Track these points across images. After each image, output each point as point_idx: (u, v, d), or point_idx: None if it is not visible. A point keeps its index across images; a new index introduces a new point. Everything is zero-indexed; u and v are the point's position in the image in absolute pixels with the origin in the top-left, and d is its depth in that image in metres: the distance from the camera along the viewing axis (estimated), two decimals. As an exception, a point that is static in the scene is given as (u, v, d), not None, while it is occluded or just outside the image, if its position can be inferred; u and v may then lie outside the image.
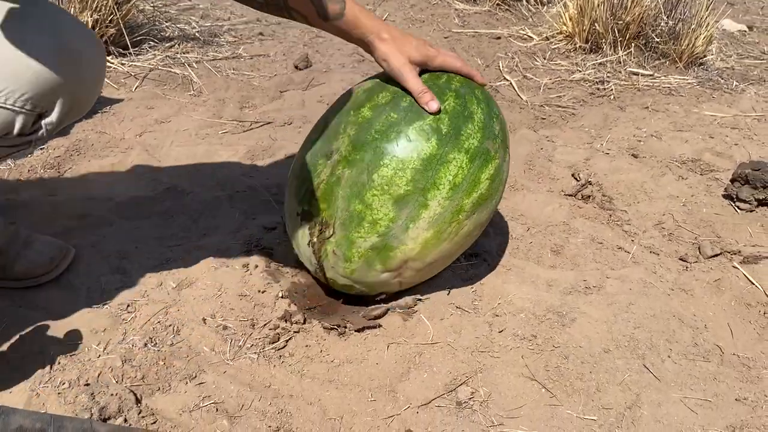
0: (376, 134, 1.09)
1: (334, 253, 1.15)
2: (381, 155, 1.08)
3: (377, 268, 1.14)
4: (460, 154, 1.09)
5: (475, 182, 1.11)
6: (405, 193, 1.07)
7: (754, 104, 2.36)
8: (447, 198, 1.09)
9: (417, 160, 1.07)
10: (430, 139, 1.08)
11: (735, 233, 1.59)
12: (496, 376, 1.13)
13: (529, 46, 2.76)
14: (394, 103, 1.11)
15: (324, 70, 2.44)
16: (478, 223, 1.17)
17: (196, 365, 1.12)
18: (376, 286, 1.20)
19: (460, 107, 1.11)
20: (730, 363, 1.20)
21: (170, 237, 1.44)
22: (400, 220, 1.09)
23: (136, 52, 2.38)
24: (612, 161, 1.89)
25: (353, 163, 1.09)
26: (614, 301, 1.32)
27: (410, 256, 1.13)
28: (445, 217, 1.10)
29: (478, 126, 1.12)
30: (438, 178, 1.07)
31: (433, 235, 1.11)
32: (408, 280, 1.20)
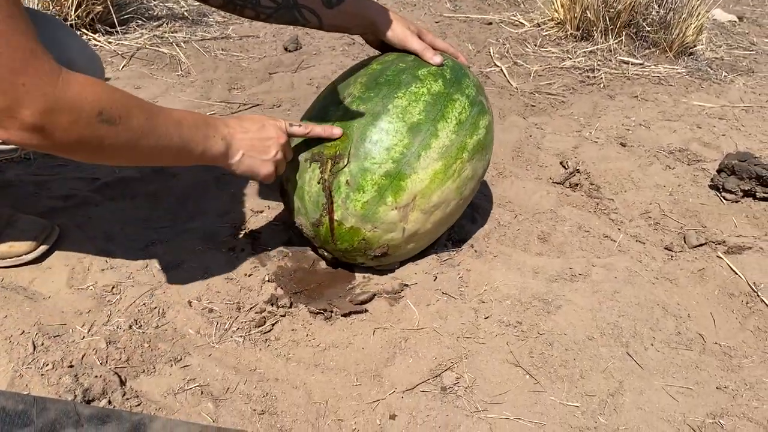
0: (388, 77, 1.20)
1: (347, 183, 1.15)
2: (395, 89, 1.18)
3: (388, 202, 1.16)
4: (463, 96, 1.22)
5: (475, 125, 1.22)
6: (418, 121, 1.16)
7: (742, 95, 2.37)
8: (454, 132, 1.18)
9: (428, 94, 1.18)
10: (437, 80, 1.20)
11: (720, 223, 1.60)
12: (481, 362, 1.14)
13: (520, 33, 2.76)
14: (401, 57, 1.25)
15: (314, 52, 2.42)
16: (474, 174, 1.25)
17: (181, 348, 1.11)
18: (382, 231, 1.19)
19: (457, 66, 1.27)
20: (712, 352, 1.21)
21: (157, 219, 1.43)
22: (414, 147, 1.15)
23: (123, 30, 2.35)
24: (600, 150, 1.89)
25: (367, 100, 1.18)
26: (599, 289, 1.33)
27: (419, 190, 1.16)
28: (451, 152, 1.18)
29: (473, 83, 1.27)
30: (446, 112, 1.18)
31: (442, 167, 1.17)
32: (411, 228, 1.20)
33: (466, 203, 1.30)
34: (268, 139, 1.10)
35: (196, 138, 0.99)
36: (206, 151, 1.02)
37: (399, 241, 1.21)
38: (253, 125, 1.10)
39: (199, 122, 1.01)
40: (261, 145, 1.10)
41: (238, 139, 1.07)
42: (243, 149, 1.08)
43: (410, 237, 1.22)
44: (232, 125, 1.07)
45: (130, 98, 0.89)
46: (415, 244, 1.26)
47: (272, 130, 1.11)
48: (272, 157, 1.11)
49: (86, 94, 0.82)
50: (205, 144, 1.01)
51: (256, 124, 1.10)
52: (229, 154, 1.06)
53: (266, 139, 1.10)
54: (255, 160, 1.10)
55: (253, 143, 1.09)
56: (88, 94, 0.82)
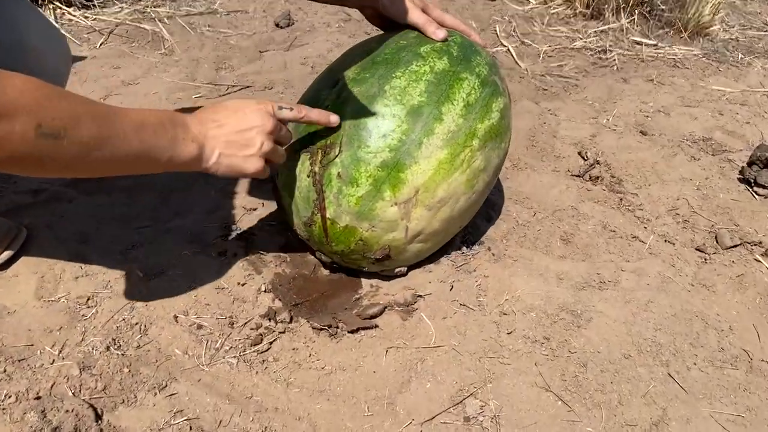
0: (386, 55, 1.06)
1: (339, 176, 1.00)
2: (393, 69, 1.04)
3: (386, 197, 1.00)
4: (472, 76, 1.07)
5: (487, 109, 1.07)
6: (419, 103, 1.01)
7: (761, 79, 2.24)
8: (461, 116, 1.03)
9: (430, 73, 1.03)
10: (442, 57, 1.06)
11: (754, 221, 1.47)
12: (507, 387, 1.01)
13: (526, 10, 2.60)
14: (402, 34, 1.11)
15: (307, 29, 2.25)
16: (487, 165, 1.09)
17: (166, 372, 0.97)
18: (381, 231, 1.04)
19: (467, 42, 1.13)
20: (760, 371, 1.09)
21: (137, 217, 1.28)
22: (414, 133, 1.00)
23: (101, 4, 2.16)
24: (620, 138, 1.75)
25: (362, 81, 1.04)
26: (632, 298, 1.20)
27: (421, 183, 1.01)
28: (459, 138, 1.03)
29: (485, 61, 1.12)
30: (452, 92, 1.03)
31: (447, 156, 1.02)
32: (415, 227, 1.05)
33: (480, 199, 1.15)
34: (250, 129, 0.92)
35: (162, 142, 0.82)
36: (175, 156, 0.85)
37: (402, 242, 1.07)
38: (230, 117, 0.92)
39: (165, 122, 0.84)
40: (242, 139, 0.92)
41: (211, 136, 0.90)
42: (219, 148, 0.90)
43: (415, 237, 1.07)
44: (203, 120, 0.90)
45: (79, 103, 0.73)
46: (422, 245, 1.11)
47: (255, 116, 0.93)
48: (258, 150, 0.93)
49: (23, 102, 0.65)
50: (173, 149, 0.84)
51: (235, 113, 0.93)
52: (203, 157, 0.89)
53: (247, 130, 0.92)
54: (236, 159, 0.92)
55: (230, 139, 0.91)
56: (26, 101, 0.65)
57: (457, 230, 1.18)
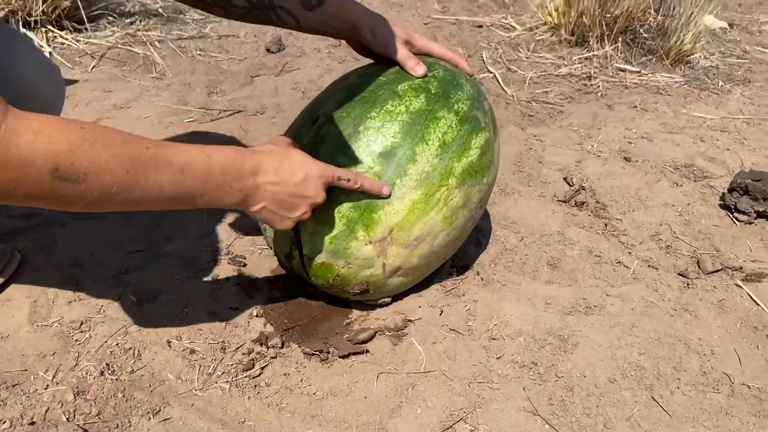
0: (364, 93, 1.06)
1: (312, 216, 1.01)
2: (369, 108, 1.04)
3: (359, 236, 1.02)
4: (450, 114, 1.06)
5: (465, 146, 1.07)
6: (393, 145, 1.02)
7: (741, 106, 2.30)
8: (436, 156, 1.03)
9: (405, 113, 1.03)
10: (419, 96, 1.06)
11: (734, 247, 1.51)
12: (496, 411, 1.02)
13: (512, 37, 2.65)
14: (382, 70, 1.11)
15: (298, 54, 2.29)
16: (467, 202, 1.09)
17: (160, 397, 0.98)
18: (357, 267, 1.06)
19: (449, 77, 1.11)
20: (741, 395, 1.12)
21: (130, 241, 1.30)
22: (387, 175, 1.01)
23: (92, 27, 2.19)
24: (604, 164, 1.79)
25: (339, 120, 1.05)
26: (616, 322, 1.23)
27: (395, 222, 1.02)
28: (434, 178, 1.03)
29: (467, 95, 1.11)
30: (427, 132, 1.03)
31: (421, 197, 1.03)
32: (392, 263, 1.06)
33: (463, 234, 1.16)
34: (303, 197, 0.92)
35: (203, 189, 0.82)
36: (215, 201, 0.84)
37: (380, 277, 1.08)
38: (293, 176, 0.91)
39: (213, 169, 0.82)
40: (290, 203, 0.92)
41: (264, 192, 0.89)
42: (266, 201, 0.90)
43: (393, 272, 1.09)
44: (263, 170, 0.88)
45: (108, 146, 0.70)
46: (402, 279, 1.12)
47: (312, 187, 0.93)
48: (298, 216, 0.94)
49: (38, 146, 0.64)
50: (214, 194, 0.83)
51: (295, 176, 0.91)
52: (247, 203, 0.89)
53: (299, 197, 0.92)
54: (275, 216, 0.93)
55: (280, 198, 0.91)
56: (41, 145, 0.64)
57: (442, 262, 1.20)
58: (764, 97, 2.40)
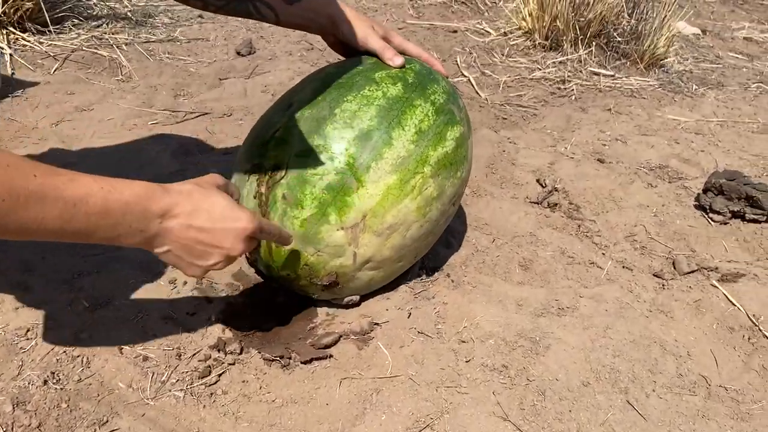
0: (341, 80, 1.06)
1: (284, 197, 0.99)
2: (345, 93, 1.03)
3: (331, 220, 0.99)
4: (426, 103, 1.06)
5: (441, 136, 1.06)
6: (369, 127, 1.00)
7: (715, 109, 2.29)
8: (412, 142, 1.02)
9: (383, 98, 1.03)
10: (396, 83, 1.05)
11: (710, 247, 1.48)
12: (465, 417, 0.98)
13: (487, 42, 2.63)
14: (360, 60, 1.11)
15: (269, 57, 2.24)
16: (441, 193, 1.07)
17: (108, 407, 0.92)
18: (327, 256, 1.01)
19: (425, 71, 1.12)
20: (718, 396, 1.09)
21: (85, 245, 1.23)
22: (362, 157, 0.99)
23: (56, 30, 2.13)
24: (578, 166, 1.77)
25: (314, 104, 1.03)
26: (590, 324, 1.19)
27: (369, 207, 0.99)
28: (409, 164, 1.01)
29: (443, 89, 1.11)
30: (404, 118, 1.02)
31: (396, 182, 1.00)
32: (364, 253, 1.02)
33: (436, 228, 1.13)
34: (216, 247, 0.84)
35: (96, 227, 0.74)
36: (111, 239, 0.77)
37: (350, 268, 1.04)
38: (207, 222, 0.82)
39: (115, 208, 0.74)
40: (200, 250, 0.84)
41: (172, 234, 0.81)
42: (171, 246, 0.82)
43: (364, 264, 1.05)
44: (175, 214, 0.80)
45: None
46: (373, 273, 1.08)
47: (229, 237, 0.84)
48: (207, 265, 0.86)
49: None
50: (110, 233, 0.76)
51: (214, 222, 0.83)
52: (150, 244, 0.82)
53: (212, 246, 0.84)
54: (182, 261, 0.85)
55: (190, 245, 0.83)
56: None
57: (413, 260, 1.16)
58: (737, 100, 2.40)
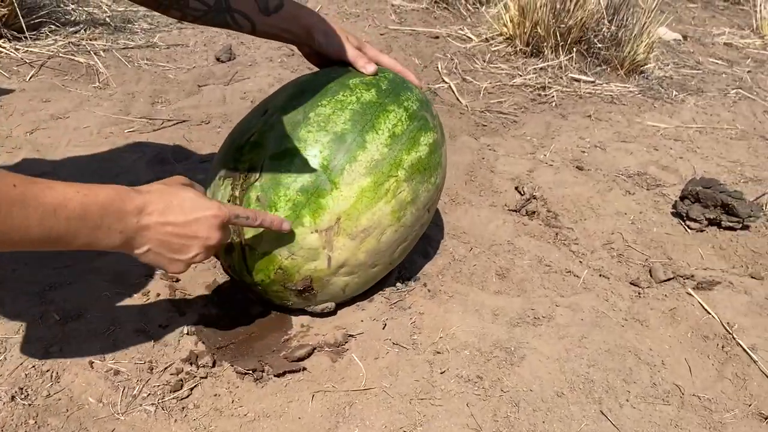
0: (315, 86, 1.07)
1: (258, 200, 0.99)
2: (320, 98, 1.04)
3: (305, 223, 0.98)
4: (400, 109, 1.07)
5: (414, 141, 1.07)
6: (342, 131, 1.01)
7: (694, 115, 2.31)
8: (386, 145, 1.03)
9: (356, 103, 1.04)
10: (370, 90, 1.07)
11: (686, 255, 1.49)
12: (438, 429, 0.98)
13: (468, 47, 2.64)
14: (334, 68, 1.13)
15: (249, 63, 2.23)
16: (415, 198, 1.08)
17: (77, 422, 0.91)
18: (301, 259, 1.01)
19: (399, 79, 1.14)
20: (691, 406, 1.09)
21: (58, 257, 1.22)
22: (336, 160, 1.00)
23: (33, 36, 2.11)
24: (556, 173, 1.77)
25: (290, 109, 1.05)
26: (566, 333, 1.20)
27: (343, 210, 0.99)
28: (383, 167, 1.02)
29: (416, 97, 1.13)
30: (377, 122, 1.03)
31: (370, 184, 1.01)
32: (338, 257, 1.02)
33: (410, 235, 1.12)
34: (193, 238, 0.86)
35: (77, 231, 0.76)
36: (92, 243, 0.79)
37: (325, 272, 1.04)
38: (180, 215, 0.85)
39: (93, 210, 0.76)
40: (178, 244, 0.86)
41: (148, 235, 0.84)
42: (150, 244, 0.85)
43: (339, 268, 1.04)
44: (149, 212, 0.83)
45: None
46: (348, 279, 1.08)
47: (204, 227, 0.87)
48: (188, 258, 0.88)
49: None
50: (90, 237, 0.78)
51: (187, 215, 0.85)
52: (129, 245, 0.83)
53: (190, 238, 0.86)
54: (163, 258, 0.87)
55: (167, 240, 0.85)
56: None
57: (388, 267, 1.16)
58: (717, 106, 2.42)
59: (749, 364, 1.19)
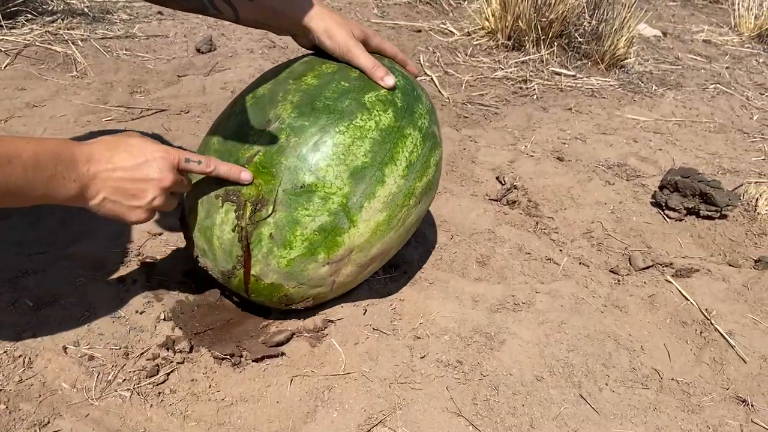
0: (327, 101, 0.97)
1: (271, 237, 0.94)
2: (337, 121, 0.95)
3: (319, 259, 0.96)
4: (415, 131, 1.02)
5: (426, 165, 1.04)
6: (363, 165, 0.95)
7: (673, 109, 2.33)
8: (402, 176, 0.99)
9: (375, 130, 0.97)
10: (387, 110, 1.00)
11: (665, 243, 1.50)
12: (418, 413, 0.97)
13: (450, 41, 2.64)
14: (342, 73, 1.02)
15: (230, 54, 2.21)
16: (419, 217, 1.08)
17: (49, 408, 0.90)
18: (308, 287, 1.00)
19: (409, 87, 1.06)
20: (670, 390, 1.10)
21: (33, 243, 1.20)
22: (355, 197, 0.95)
23: (9, 25, 2.07)
24: (537, 164, 1.78)
25: (301, 130, 0.95)
26: (545, 319, 1.20)
27: (357, 244, 0.98)
28: (398, 200, 1.00)
29: (426, 108, 1.08)
30: (396, 152, 0.98)
31: (385, 218, 0.99)
32: (342, 281, 1.02)
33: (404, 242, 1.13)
34: (146, 180, 0.87)
35: (33, 181, 0.77)
36: (49, 194, 0.80)
37: (326, 294, 1.04)
38: (127, 161, 0.85)
39: (43, 159, 0.77)
40: (133, 188, 0.86)
41: (100, 178, 0.84)
42: (105, 192, 0.85)
43: (339, 288, 1.06)
44: (96, 158, 0.83)
45: None
46: (342, 290, 1.09)
47: (155, 168, 0.87)
48: (147, 203, 0.88)
49: None
50: (47, 187, 0.79)
51: (134, 158, 0.86)
52: (84, 196, 0.84)
53: (142, 181, 0.86)
54: (120, 207, 0.87)
55: (120, 185, 0.85)
56: None
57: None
58: (696, 100, 2.45)
59: (727, 349, 1.19)
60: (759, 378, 1.14)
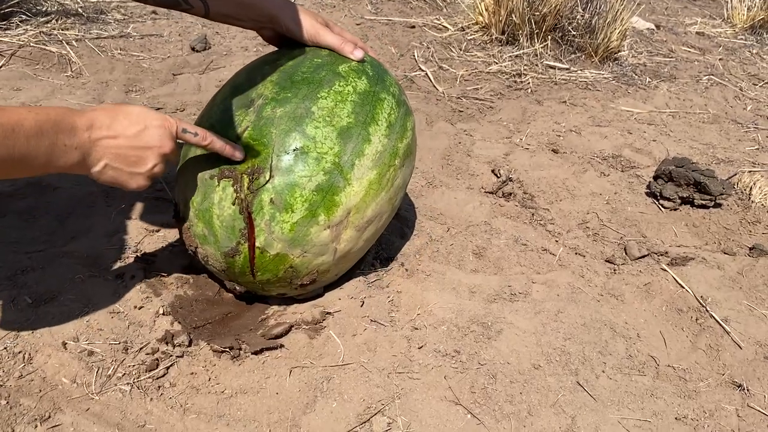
0: (304, 74, 1.03)
1: (272, 202, 0.96)
2: (317, 89, 1.01)
3: (320, 221, 0.98)
4: (389, 96, 1.08)
5: (404, 128, 1.10)
6: (348, 124, 1.01)
7: (667, 101, 2.34)
8: (385, 135, 1.05)
9: (354, 93, 1.03)
10: (361, 77, 1.06)
11: (660, 233, 1.51)
12: (416, 402, 0.98)
13: (445, 36, 2.64)
14: (314, 52, 1.08)
15: (224, 53, 2.22)
16: (404, 183, 1.12)
17: (50, 402, 0.90)
18: (312, 255, 1.01)
19: (375, 62, 1.13)
20: (666, 376, 1.10)
21: (30, 241, 1.21)
22: (346, 155, 0.99)
23: (3, 26, 2.07)
24: (532, 157, 1.78)
25: (285, 101, 1.00)
26: (542, 308, 1.21)
27: (354, 204, 1.00)
28: (385, 158, 1.04)
29: (394, 80, 1.14)
30: (376, 113, 1.04)
31: (376, 177, 1.03)
32: (343, 248, 1.04)
33: (393, 215, 1.15)
34: (147, 148, 0.88)
35: (36, 149, 0.77)
36: (52, 163, 0.80)
37: (329, 264, 1.05)
38: (127, 129, 0.86)
39: (46, 127, 0.78)
40: (134, 156, 0.88)
41: (101, 146, 0.85)
42: (107, 159, 0.86)
43: (341, 258, 1.06)
44: (97, 125, 0.84)
45: None
46: (343, 265, 1.10)
47: (154, 136, 0.89)
48: (147, 170, 0.90)
49: None
50: (50, 155, 0.79)
51: (135, 125, 0.87)
52: (86, 163, 0.85)
53: (143, 148, 0.88)
54: (122, 173, 0.88)
55: (122, 152, 0.87)
56: None
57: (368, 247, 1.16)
58: (689, 92, 2.45)
59: (722, 336, 1.20)
60: (754, 363, 1.15)
